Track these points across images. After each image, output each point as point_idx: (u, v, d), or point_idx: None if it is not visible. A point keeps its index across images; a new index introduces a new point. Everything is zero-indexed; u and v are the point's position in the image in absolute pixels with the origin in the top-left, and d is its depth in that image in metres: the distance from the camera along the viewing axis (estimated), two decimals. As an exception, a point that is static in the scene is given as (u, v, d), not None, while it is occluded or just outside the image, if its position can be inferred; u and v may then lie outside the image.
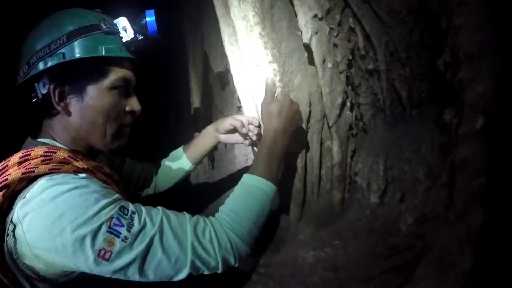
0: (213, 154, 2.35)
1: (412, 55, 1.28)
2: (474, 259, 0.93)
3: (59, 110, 0.97)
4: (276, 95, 1.35)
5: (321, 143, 1.52)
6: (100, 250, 0.81)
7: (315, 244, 1.47)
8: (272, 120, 1.21)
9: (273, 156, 1.15)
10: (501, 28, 0.76)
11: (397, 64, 1.35)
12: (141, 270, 0.85)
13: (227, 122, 1.37)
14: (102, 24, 0.99)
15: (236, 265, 0.98)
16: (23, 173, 0.85)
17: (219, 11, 1.42)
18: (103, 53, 0.97)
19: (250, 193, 1.07)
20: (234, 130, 1.37)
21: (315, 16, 1.32)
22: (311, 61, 1.41)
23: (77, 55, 0.94)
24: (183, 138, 2.04)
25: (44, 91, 0.96)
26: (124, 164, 1.41)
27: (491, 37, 0.77)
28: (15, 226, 0.84)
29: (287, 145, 1.23)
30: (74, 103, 0.97)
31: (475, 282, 0.91)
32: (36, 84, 0.97)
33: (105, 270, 0.83)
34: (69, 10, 1.02)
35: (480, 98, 0.81)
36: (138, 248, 0.84)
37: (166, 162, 1.48)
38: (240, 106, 1.85)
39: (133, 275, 0.85)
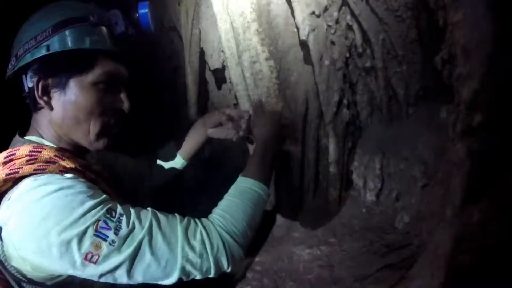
0: (209, 152, 2.34)
1: (409, 52, 1.28)
2: (470, 257, 0.92)
3: (42, 105, 0.94)
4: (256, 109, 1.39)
5: (318, 141, 1.52)
6: (87, 254, 0.79)
7: (311, 242, 1.46)
8: (259, 131, 1.24)
9: (266, 160, 1.15)
10: (498, 24, 0.76)
11: (394, 61, 1.35)
12: (129, 273, 0.83)
13: (214, 117, 1.35)
14: (90, 16, 0.95)
15: (229, 269, 0.95)
16: (7, 174, 0.82)
17: (216, 7, 1.41)
18: (88, 46, 0.93)
19: (244, 194, 1.05)
20: (221, 124, 1.35)
21: (313, 13, 1.32)
22: (308, 58, 1.40)
23: (61, 47, 0.91)
24: (178, 135, 2.03)
25: (30, 84, 0.93)
26: (116, 161, 1.38)
27: (488, 33, 0.77)
28: (1, 228, 0.82)
29: (277, 151, 1.26)
30: (56, 98, 0.94)
31: (471, 281, 0.91)
32: (23, 77, 0.95)
33: (92, 273, 0.81)
34: (59, 2, 0.99)
35: (477, 95, 0.80)
36: (126, 251, 0.81)
37: (159, 159, 1.46)
38: (237, 104, 1.84)
39: (121, 278, 0.83)
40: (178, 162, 1.43)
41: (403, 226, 1.30)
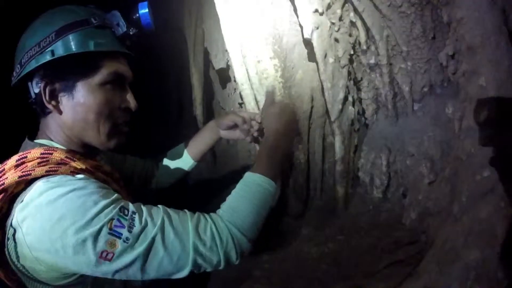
0: (216, 151, 2.35)
1: (413, 48, 1.27)
2: (478, 252, 0.92)
3: (50, 109, 0.96)
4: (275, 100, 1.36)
5: (324, 139, 1.52)
6: (102, 252, 0.80)
7: (319, 239, 1.47)
8: (273, 122, 1.21)
9: (274, 155, 1.14)
10: (503, 19, 0.76)
11: (398, 58, 1.35)
12: (143, 269, 0.84)
13: (229, 118, 1.36)
14: (92, 19, 0.96)
15: (237, 262, 0.97)
16: (19, 177, 0.83)
17: (219, 7, 1.41)
18: (92, 48, 0.94)
19: (251, 190, 1.05)
20: (235, 126, 1.36)
21: (316, 11, 1.32)
22: (312, 56, 1.40)
23: (66, 52, 0.92)
24: (184, 134, 2.04)
25: (37, 90, 0.94)
26: (125, 161, 1.39)
27: (493, 29, 0.76)
28: (15, 230, 0.83)
29: (287, 146, 1.24)
30: (65, 101, 0.95)
31: (479, 275, 0.91)
32: (29, 83, 0.96)
33: (107, 270, 0.82)
34: (60, 7, 1.00)
35: (483, 90, 0.80)
36: (140, 248, 0.83)
37: (167, 158, 1.47)
38: (242, 103, 1.85)
39: (135, 274, 0.84)
40: (187, 162, 1.44)
41: (410, 223, 1.30)
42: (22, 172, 0.84)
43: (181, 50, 2.31)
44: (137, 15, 1.05)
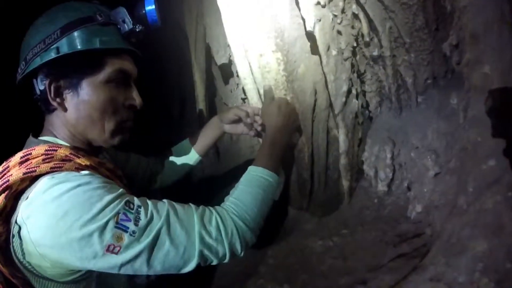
0: (219, 147, 2.35)
1: (416, 40, 1.26)
2: (485, 243, 0.92)
3: (55, 106, 0.96)
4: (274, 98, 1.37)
5: (328, 132, 1.51)
6: (109, 245, 0.81)
7: (323, 234, 1.46)
8: (272, 118, 1.25)
9: (275, 149, 1.18)
10: (506, 6, 0.75)
11: (401, 49, 1.33)
12: (149, 262, 0.85)
13: (232, 113, 1.37)
14: (98, 16, 0.96)
15: (242, 254, 0.98)
16: (24, 173, 0.83)
17: (220, 2, 1.40)
18: (98, 45, 0.94)
19: (254, 182, 1.08)
20: (238, 121, 1.37)
21: (318, 3, 1.31)
22: (314, 49, 1.39)
23: (71, 49, 0.92)
24: (187, 131, 2.04)
25: (42, 87, 0.94)
26: (128, 159, 1.40)
27: (496, 16, 0.75)
28: (20, 227, 0.83)
29: (287, 140, 1.27)
30: (69, 98, 0.95)
31: (486, 266, 0.90)
32: (34, 81, 0.96)
33: (113, 264, 0.83)
34: (64, 4, 1.00)
35: (487, 79, 0.79)
36: (146, 240, 0.84)
37: (172, 155, 1.48)
38: (245, 98, 1.84)
39: (141, 267, 0.85)
40: (192, 157, 1.45)
41: (415, 216, 1.29)
42: (27, 169, 0.85)
43: (182, 47, 2.31)
44: (144, 11, 1.05)
